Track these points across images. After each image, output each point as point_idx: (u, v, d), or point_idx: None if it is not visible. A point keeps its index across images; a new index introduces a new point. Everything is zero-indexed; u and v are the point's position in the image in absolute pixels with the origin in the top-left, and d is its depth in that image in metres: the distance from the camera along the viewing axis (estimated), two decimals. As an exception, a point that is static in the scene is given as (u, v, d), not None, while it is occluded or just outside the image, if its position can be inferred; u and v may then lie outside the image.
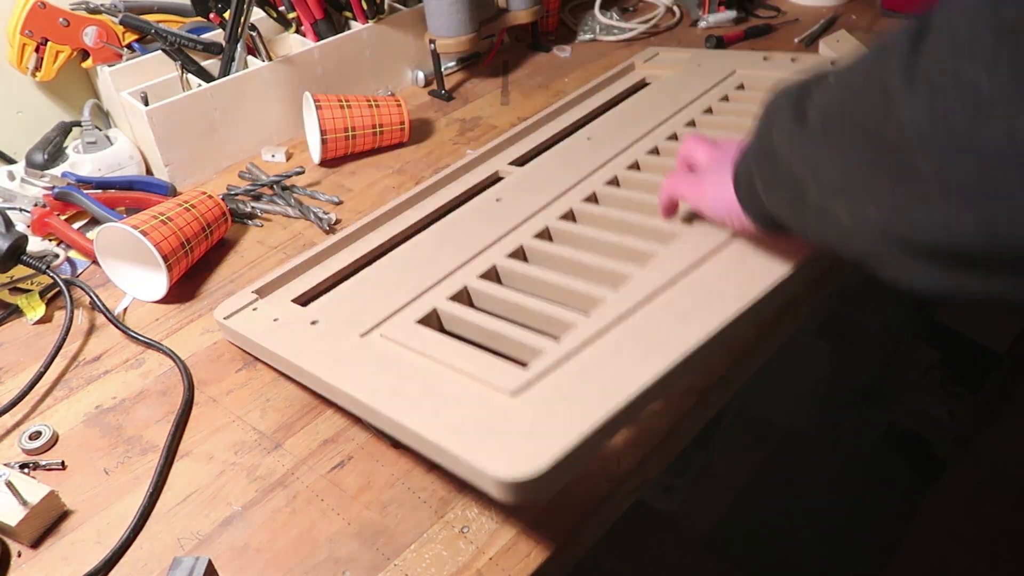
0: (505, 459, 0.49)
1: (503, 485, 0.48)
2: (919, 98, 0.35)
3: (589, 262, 0.67)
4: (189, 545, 0.56)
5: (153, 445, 0.64)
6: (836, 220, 0.44)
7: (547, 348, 0.58)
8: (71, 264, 0.83)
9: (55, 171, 0.90)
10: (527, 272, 0.68)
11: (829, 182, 0.43)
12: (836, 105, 0.43)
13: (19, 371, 0.72)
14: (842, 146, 0.42)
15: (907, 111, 0.36)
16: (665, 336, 0.56)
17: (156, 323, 0.76)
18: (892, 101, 0.37)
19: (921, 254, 0.39)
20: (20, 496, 0.56)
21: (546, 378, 0.55)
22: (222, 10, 0.95)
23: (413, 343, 0.61)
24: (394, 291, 0.69)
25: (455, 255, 0.72)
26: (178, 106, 0.90)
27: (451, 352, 0.59)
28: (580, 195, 0.76)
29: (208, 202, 0.81)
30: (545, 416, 0.52)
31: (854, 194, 0.41)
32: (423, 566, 0.54)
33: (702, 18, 1.21)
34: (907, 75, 0.36)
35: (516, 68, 1.14)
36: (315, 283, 0.75)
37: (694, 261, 0.63)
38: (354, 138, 0.94)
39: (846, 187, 0.42)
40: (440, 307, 0.66)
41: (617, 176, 0.79)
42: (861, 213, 0.41)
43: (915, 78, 0.36)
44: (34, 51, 0.93)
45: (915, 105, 0.36)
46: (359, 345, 0.63)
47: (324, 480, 0.60)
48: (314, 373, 0.62)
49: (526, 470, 0.48)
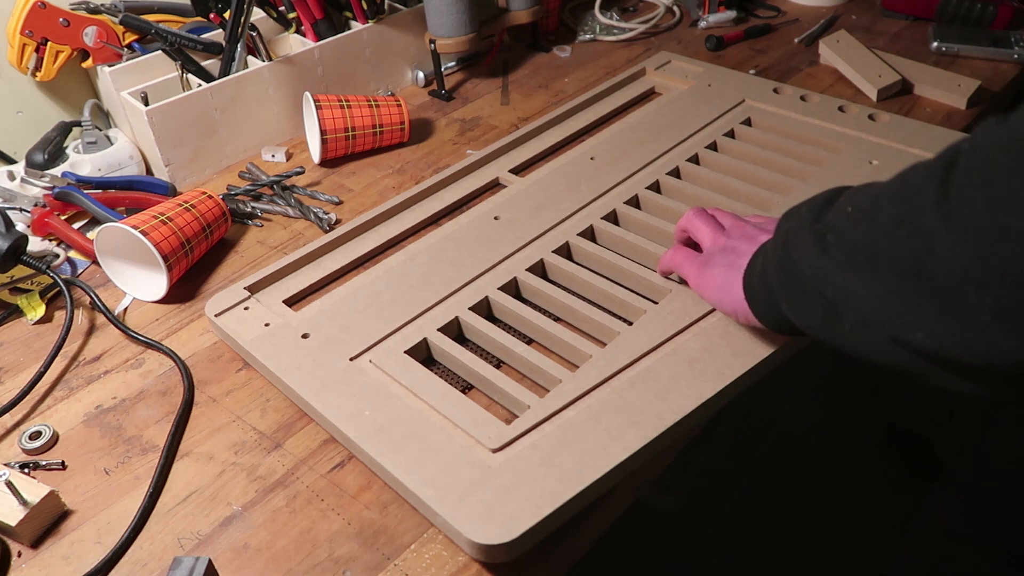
0: (481, 523, 0.52)
1: (477, 546, 0.51)
2: (963, 241, 0.37)
3: (579, 310, 0.68)
4: (189, 545, 0.56)
5: (153, 445, 0.64)
6: (877, 339, 0.44)
7: (532, 403, 0.60)
8: (71, 264, 0.83)
9: (55, 171, 0.90)
10: (517, 311, 0.69)
11: (868, 308, 0.44)
12: (865, 239, 0.44)
13: (19, 371, 0.72)
14: (879, 279, 0.43)
15: (952, 251, 0.38)
16: (645, 410, 0.59)
17: (156, 323, 0.76)
18: (933, 241, 0.39)
19: (967, 372, 0.40)
20: (20, 496, 0.56)
21: (528, 437, 0.58)
22: (222, 10, 0.95)
23: (402, 377, 0.63)
24: (386, 310, 0.70)
25: (449, 278, 0.73)
26: (178, 106, 0.90)
27: (439, 394, 0.61)
28: (577, 227, 0.78)
29: (208, 202, 0.81)
30: (523, 481, 0.54)
31: (898, 319, 0.42)
32: (423, 566, 0.54)
33: (702, 18, 1.21)
34: (943, 217, 0.38)
35: (516, 68, 1.14)
36: (308, 283, 0.76)
37: (682, 326, 0.65)
38: (354, 138, 0.94)
39: (888, 314, 0.43)
40: (430, 338, 0.67)
41: (616, 211, 0.80)
42: (906, 337, 0.42)
43: (952, 220, 0.38)
44: (34, 51, 0.93)
45: (960, 247, 0.37)
46: (348, 369, 0.64)
47: (324, 480, 0.60)
48: (301, 395, 0.63)
49: (500, 537, 0.51)
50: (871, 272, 0.43)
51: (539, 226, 0.78)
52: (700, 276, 0.64)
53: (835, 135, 0.87)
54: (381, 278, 0.74)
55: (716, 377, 0.60)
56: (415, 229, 0.83)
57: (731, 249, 0.63)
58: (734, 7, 1.21)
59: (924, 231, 0.39)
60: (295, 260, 0.77)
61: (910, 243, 0.40)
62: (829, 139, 0.87)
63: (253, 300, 0.73)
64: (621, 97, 1.02)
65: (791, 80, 1.06)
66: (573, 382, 0.61)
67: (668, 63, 1.07)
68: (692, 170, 0.85)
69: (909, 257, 0.40)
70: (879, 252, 0.43)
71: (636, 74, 1.05)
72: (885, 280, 0.42)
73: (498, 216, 0.80)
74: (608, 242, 0.77)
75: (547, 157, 0.93)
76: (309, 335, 0.68)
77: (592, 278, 0.71)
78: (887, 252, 0.42)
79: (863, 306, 0.44)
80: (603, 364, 0.62)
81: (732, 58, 1.13)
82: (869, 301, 0.44)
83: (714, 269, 0.63)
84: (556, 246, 0.75)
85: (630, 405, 0.59)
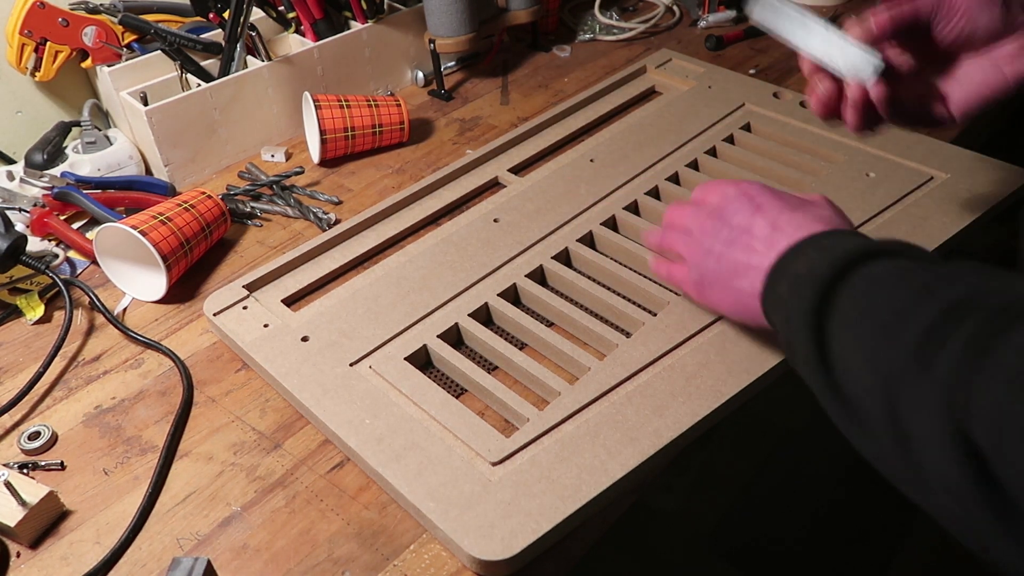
0: (480, 538, 0.52)
1: (477, 561, 0.52)
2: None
3: (578, 320, 0.68)
4: (188, 545, 0.56)
5: (152, 445, 0.64)
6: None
7: (531, 416, 0.60)
8: (70, 264, 0.83)
9: (54, 171, 0.90)
10: (517, 319, 0.69)
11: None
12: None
13: (18, 371, 0.72)
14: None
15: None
16: (642, 426, 0.59)
17: (156, 323, 0.76)
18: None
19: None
20: (19, 496, 0.56)
21: (527, 451, 0.58)
22: (222, 10, 0.95)
23: (402, 385, 0.63)
24: (386, 315, 0.70)
25: (448, 282, 0.73)
26: (177, 106, 0.90)
27: (439, 404, 0.62)
28: (577, 233, 0.78)
29: (208, 202, 0.81)
30: (523, 496, 0.55)
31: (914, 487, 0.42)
32: (423, 566, 0.54)
33: (702, 18, 1.21)
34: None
35: (516, 68, 1.14)
36: (306, 283, 0.76)
37: (679, 340, 0.66)
38: (354, 138, 0.94)
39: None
40: (430, 345, 0.67)
41: (615, 216, 0.80)
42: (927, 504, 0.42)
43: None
44: (33, 51, 0.92)
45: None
46: (348, 375, 0.64)
47: (323, 480, 0.60)
48: (301, 400, 0.63)
49: (500, 553, 0.51)
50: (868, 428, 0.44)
51: (539, 230, 0.78)
52: (697, 290, 0.63)
53: (833, 144, 0.87)
54: (380, 280, 0.73)
55: (712, 395, 0.61)
56: (414, 228, 0.83)
57: (725, 261, 0.59)
58: (734, 7, 1.21)
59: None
60: (294, 259, 0.77)
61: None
62: (827, 149, 0.86)
63: (252, 299, 0.73)
64: (621, 96, 1.02)
65: (790, 80, 1.06)
66: (572, 395, 0.61)
67: (669, 61, 1.07)
68: (692, 176, 0.85)
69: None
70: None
71: (636, 72, 1.05)
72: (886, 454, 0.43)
73: (497, 219, 0.80)
74: (607, 249, 0.77)
75: (547, 157, 0.93)
76: (309, 338, 0.68)
77: (591, 287, 0.71)
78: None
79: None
80: (602, 377, 0.63)
81: (732, 58, 1.12)
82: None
83: (716, 291, 0.61)
84: (556, 252, 0.75)
85: (628, 421, 0.59)
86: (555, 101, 1.05)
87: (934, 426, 0.37)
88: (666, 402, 0.61)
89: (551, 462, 0.57)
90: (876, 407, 0.42)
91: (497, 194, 0.85)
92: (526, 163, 0.91)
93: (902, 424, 0.40)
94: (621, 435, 0.58)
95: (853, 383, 0.45)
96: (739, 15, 1.21)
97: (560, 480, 0.56)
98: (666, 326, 0.67)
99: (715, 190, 0.63)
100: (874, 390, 0.42)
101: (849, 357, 0.45)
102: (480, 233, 0.78)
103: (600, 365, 0.64)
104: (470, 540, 0.52)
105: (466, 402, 0.64)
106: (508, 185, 0.87)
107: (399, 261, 0.76)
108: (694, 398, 0.61)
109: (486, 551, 0.51)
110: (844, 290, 0.47)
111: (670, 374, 0.63)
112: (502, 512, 0.54)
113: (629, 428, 0.59)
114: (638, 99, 1.02)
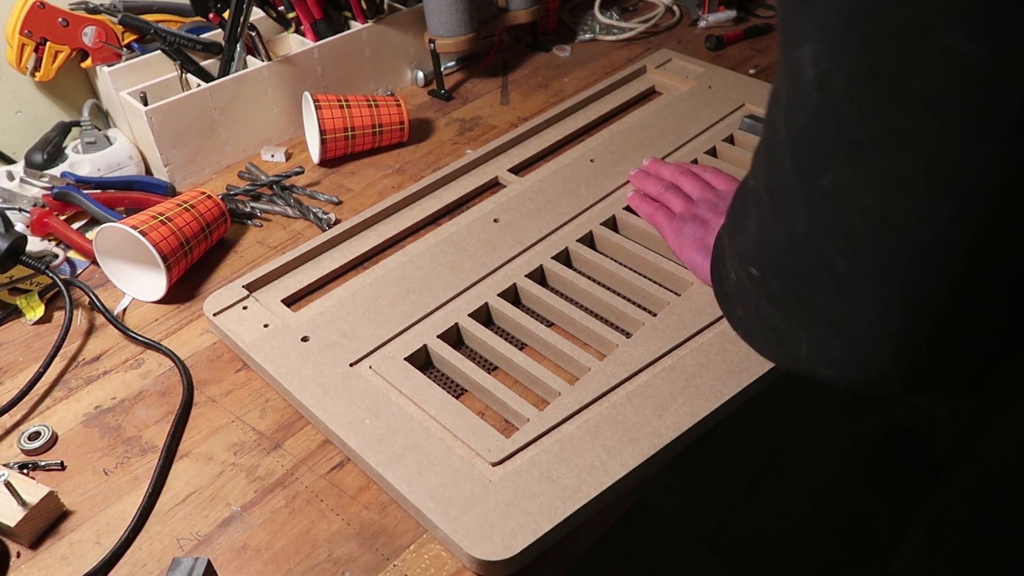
0: (481, 538, 0.52)
1: (477, 561, 0.52)
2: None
3: (578, 320, 0.69)
4: (188, 546, 0.56)
5: (152, 445, 0.64)
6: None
7: (531, 416, 0.60)
8: (70, 264, 0.83)
9: (54, 171, 0.90)
10: (517, 319, 0.69)
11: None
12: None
13: (18, 371, 0.72)
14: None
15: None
16: (642, 426, 0.59)
17: (155, 323, 0.76)
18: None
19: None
20: (19, 497, 0.56)
21: (527, 451, 0.58)
22: (221, 10, 0.94)
23: (402, 385, 0.63)
24: (386, 315, 0.70)
25: (448, 282, 0.73)
26: (177, 106, 0.90)
27: (439, 404, 0.62)
28: (577, 233, 0.78)
29: (207, 202, 0.81)
30: (523, 496, 0.55)
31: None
32: (422, 566, 0.54)
33: (702, 18, 1.21)
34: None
35: (516, 68, 1.14)
36: (306, 283, 0.76)
37: (679, 340, 0.66)
38: (353, 138, 0.94)
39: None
40: (430, 345, 0.67)
41: (615, 216, 0.80)
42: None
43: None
44: (33, 51, 0.92)
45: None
46: (348, 375, 0.64)
47: (323, 480, 0.60)
48: (302, 400, 0.63)
49: (500, 553, 0.52)
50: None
51: (539, 230, 0.78)
52: (675, 241, 0.71)
53: None
54: (380, 280, 0.73)
55: (712, 395, 0.61)
56: (414, 228, 0.83)
57: (700, 221, 0.70)
58: (734, 7, 1.21)
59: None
60: (294, 259, 0.77)
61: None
62: None
63: (252, 299, 0.73)
64: (621, 95, 1.02)
65: (791, 80, 1.06)
66: (572, 395, 0.61)
67: (669, 61, 1.07)
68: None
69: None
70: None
71: (636, 72, 1.05)
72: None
73: (498, 219, 0.80)
74: (607, 249, 0.77)
75: (547, 157, 0.93)
76: (309, 338, 0.68)
77: (591, 287, 0.71)
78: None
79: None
80: (602, 377, 0.63)
81: (732, 58, 1.12)
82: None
83: (687, 239, 0.70)
84: (556, 252, 0.75)
85: (628, 421, 0.60)
86: (555, 101, 1.05)
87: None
88: (666, 402, 0.61)
89: (551, 462, 0.57)
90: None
91: (497, 194, 0.85)
92: (526, 163, 0.91)
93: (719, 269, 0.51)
94: (621, 435, 0.58)
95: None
96: (739, 15, 1.21)
97: (560, 480, 0.56)
98: (666, 326, 0.67)
99: (725, 180, 0.75)
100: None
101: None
102: (480, 233, 0.78)
103: (600, 365, 0.64)
104: (470, 540, 0.52)
105: (466, 402, 0.64)
106: (508, 185, 0.87)
107: (399, 261, 0.76)
108: (694, 398, 0.61)
109: (486, 551, 0.51)
110: None
111: (670, 374, 0.63)
112: (502, 512, 0.54)
113: (629, 428, 0.59)
114: (638, 99, 1.02)
